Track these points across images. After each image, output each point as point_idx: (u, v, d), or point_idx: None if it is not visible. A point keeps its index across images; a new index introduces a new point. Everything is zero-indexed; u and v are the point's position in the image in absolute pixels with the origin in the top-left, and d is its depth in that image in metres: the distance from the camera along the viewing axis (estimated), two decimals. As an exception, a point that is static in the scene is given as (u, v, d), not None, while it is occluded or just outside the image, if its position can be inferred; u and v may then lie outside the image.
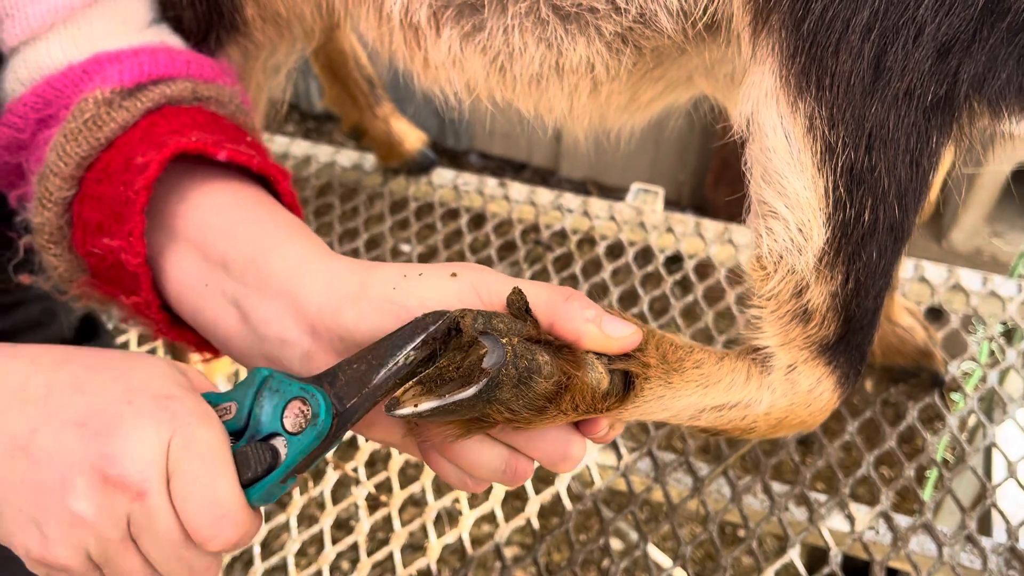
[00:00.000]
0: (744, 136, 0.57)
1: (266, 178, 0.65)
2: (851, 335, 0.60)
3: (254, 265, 0.59)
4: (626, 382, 0.56)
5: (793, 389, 0.61)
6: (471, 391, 0.50)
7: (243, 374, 1.11)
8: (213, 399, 0.53)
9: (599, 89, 0.69)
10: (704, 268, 1.19)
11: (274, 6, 0.74)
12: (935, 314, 1.13)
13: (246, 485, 0.51)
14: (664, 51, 0.66)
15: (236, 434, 0.52)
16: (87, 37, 0.67)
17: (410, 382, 0.52)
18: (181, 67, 0.68)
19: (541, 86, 0.68)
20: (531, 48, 0.65)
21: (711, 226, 1.24)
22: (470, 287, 0.54)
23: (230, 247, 0.60)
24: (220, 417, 0.52)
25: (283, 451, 0.51)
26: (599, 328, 0.53)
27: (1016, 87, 0.51)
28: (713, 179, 2.43)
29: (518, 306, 0.53)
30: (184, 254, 0.61)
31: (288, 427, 0.51)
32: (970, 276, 1.15)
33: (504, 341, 0.50)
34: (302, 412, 0.51)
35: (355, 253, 1.30)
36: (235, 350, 0.61)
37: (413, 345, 0.51)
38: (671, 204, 2.54)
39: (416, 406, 0.50)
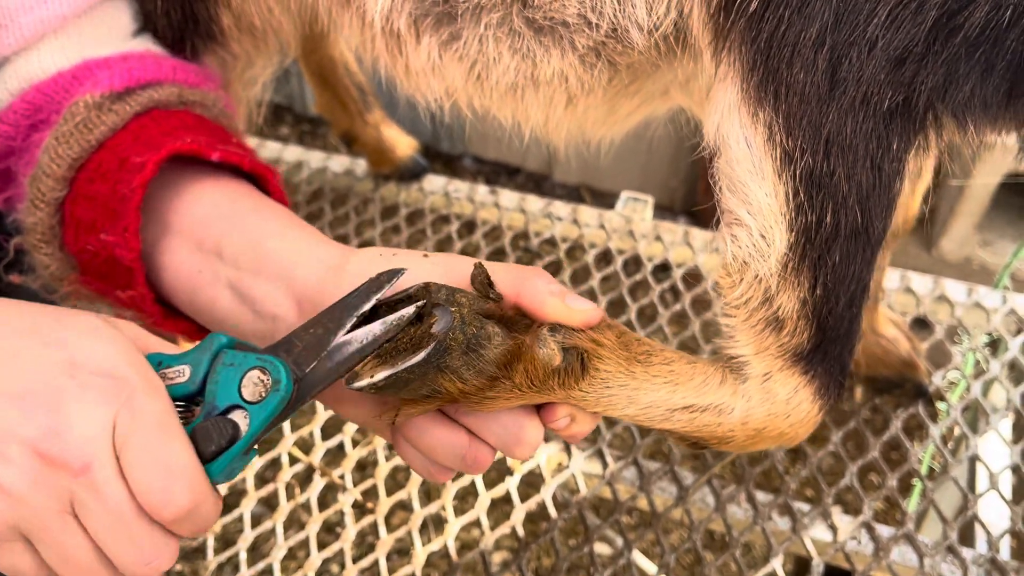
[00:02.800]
0: (713, 150, 0.59)
1: (256, 177, 0.68)
2: (827, 345, 0.61)
3: (251, 250, 0.61)
4: (583, 366, 0.57)
5: (769, 398, 0.61)
6: (420, 355, 0.52)
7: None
8: (165, 360, 0.53)
9: (575, 102, 0.70)
10: (692, 277, 1.20)
11: (249, 17, 0.75)
12: (921, 324, 1.14)
13: (209, 460, 0.50)
14: (638, 66, 0.67)
15: (188, 398, 0.52)
16: (75, 46, 0.68)
17: (369, 357, 0.53)
18: (168, 72, 0.70)
19: (518, 95, 0.70)
20: (506, 58, 0.66)
21: (699, 235, 1.25)
22: (442, 266, 0.58)
23: (225, 236, 0.62)
24: (172, 380, 0.52)
25: (243, 424, 0.51)
26: (562, 301, 0.56)
27: (980, 102, 0.52)
28: (705, 186, 2.44)
29: (481, 280, 0.56)
30: (179, 246, 0.64)
31: (248, 397, 0.51)
32: (955, 287, 1.15)
33: (453, 310, 0.53)
34: (261, 381, 0.51)
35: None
36: (231, 331, 0.62)
37: (368, 305, 0.53)
38: (663, 210, 2.55)
39: (372, 376, 0.53)
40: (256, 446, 0.52)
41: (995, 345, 1.12)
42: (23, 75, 0.67)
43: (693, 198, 2.59)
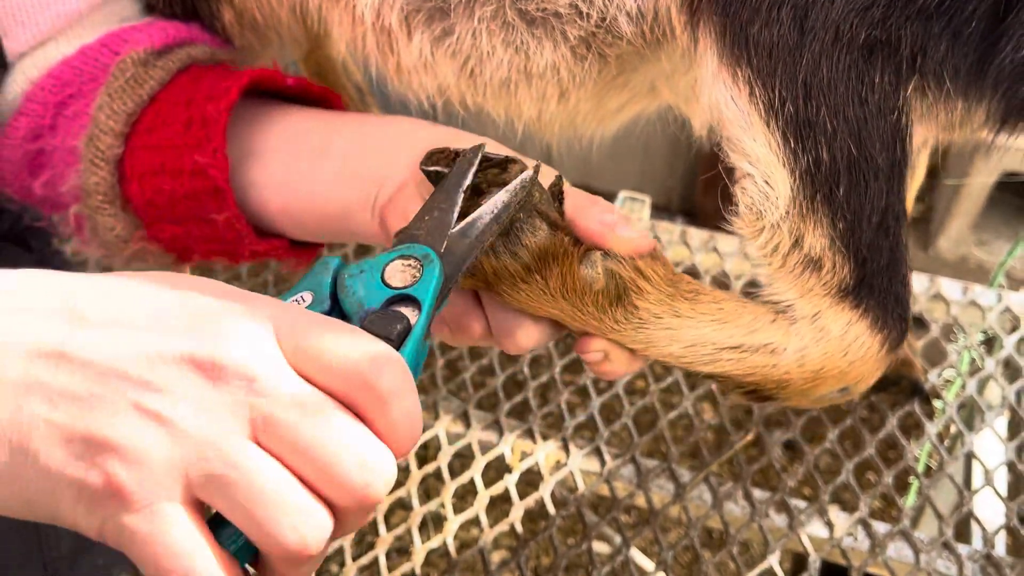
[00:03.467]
0: (713, 124, 0.61)
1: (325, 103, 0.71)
2: (872, 277, 0.60)
3: (361, 138, 0.63)
4: (625, 294, 0.58)
5: (823, 336, 0.60)
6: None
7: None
8: (281, 296, 0.47)
9: (567, 96, 0.71)
10: (689, 275, 1.20)
11: (251, 12, 0.75)
12: (917, 323, 1.14)
13: (397, 345, 0.43)
14: (626, 58, 0.68)
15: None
16: (91, 33, 0.70)
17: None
18: (197, 33, 0.73)
19: (510, 91, 0.71)
20: (499, 52, 0.67)
21: (696, 234, 1.25)
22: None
23: (327, 136, 0.64)
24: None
25: (407, 311, 0.44)
26: (613, 229, 0.57)
27: (952, 68, 0.54)
28: (703, 184, 2.45)
29: (555, 189, 0.58)
30: (268, 162, 0.66)
31: (399, 283, 0.45)
32: (950, 285, 1.16)
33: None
34: (407, 267, 0.46)
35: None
36: (334, 213, 0.63)
37: (468, 180, 0.54)
38: (661, 210, 2.55)
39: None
40: (430, 334, 0.47)
41: (990, 343, 1.12)
42: (42, 64, 0.68)
43: (691, 198, 2.60)
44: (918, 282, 1.17)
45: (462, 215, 0.52)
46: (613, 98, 0.74)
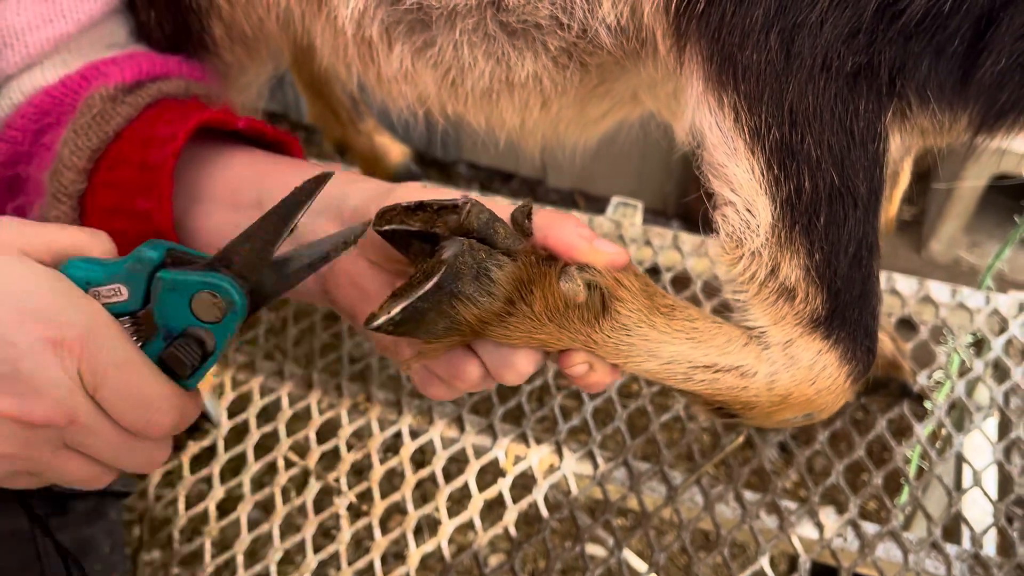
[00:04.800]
0: (694, 143, 0.61)
1: (279, 145, 0.70)
2: (844, 309, 0.61)
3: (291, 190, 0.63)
4: (605, 305, 0.58)
5: (793, 363, 0.62)
6: (432, 280, 0.52)
7: (228, 390, 1.12)
8: (92, 278, 0.53)
9: (549, 104, 0.72)
10: (682, 280, 1.22)
11: (241, 26, 0.77)
12: (906, 325, 1.16)
13: (187, 379, 0.54)
14: (607, 67, 0.69)
15: (132, 315, 0.53)
16: (78, 59, 0.70)
17: (387, 297, 0.54)
18: (174, 67, 0.73)
19: (492, 100, 0.71)
20: (481, 63, 0.68)
21: (688, 239, 1.26)
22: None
23: (264, 188, 0.64)
24: (108, 299, 0.52)
25: (208, 339, 0.53)
26: (589, 243, 0.57)
27: (936, 84, 0.55)
28: (698, 188, 2.46)
29: (523, 212, 0.57)
30: (214, 209, 0.66)
31: (204, 317, 0.52)
32: (939, 288, 1.17)
33: (461, 239, 0.54)
34: (214, 304, 0.52)
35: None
36: None
37: (301, 214, 0.53)
38: (657, 214, 2.56)
39: (389, 312, 0.53)
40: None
41: (979, 345, 1.13)
42: (27, 88, 0.68)
43: (686, 202, 2.61)
44: (907, 285, 1.18)
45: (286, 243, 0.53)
46: (595, 106, 0.75)
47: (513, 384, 0.60)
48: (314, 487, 1.01)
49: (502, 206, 0.58)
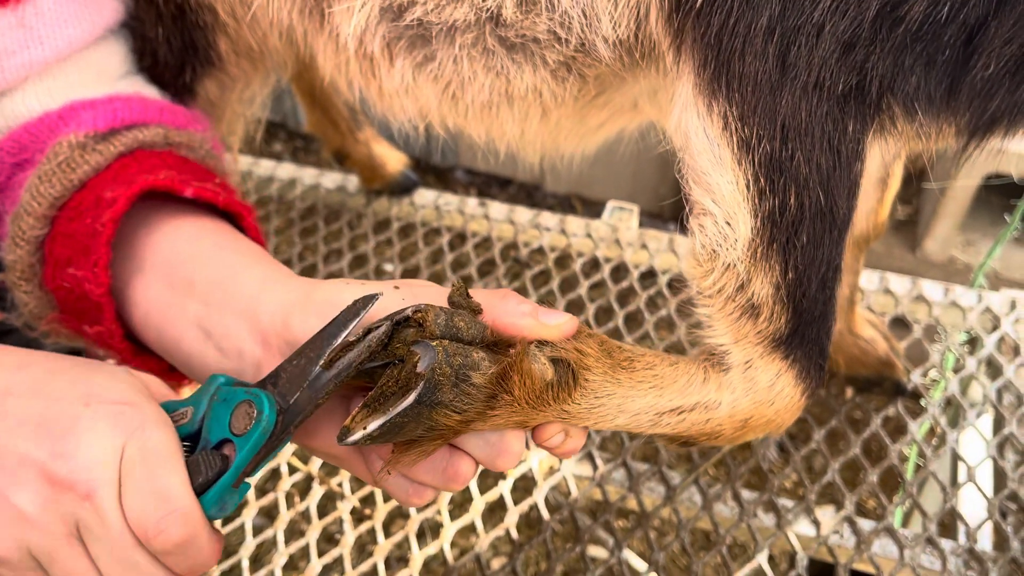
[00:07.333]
0: (676, 145, 0.61)
1: (232, 215, 0.68)
2: (805, 328, 0.62)
3: (220, 287, 0.61)
4: (575, 377, 0.58)
5: (753, 386, 0.62)
6: (411, 397, 0.50)
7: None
8: (170, 406, 0.55)
9: (548, 115, 0.72)
10: (677, 283, 1.23)
11: (246, 41, 0.78)
12: (900, 324, 1.17)
13: (200, 492, 0.51)
14: (605, 78, 0.70)
15: (190, 438, 0.54)
16: (62, 88, 0.69)
17: (356, 408, 0.53)
18: (154, 114, 0.70)
19: (492, 112, 0.72)
20: (480, 76, 0.69)
21: (684, 242, 1.28)
22: (411, 296, 0.57)
23: (196, 271, 0.62)
24: (176, 422, 0.53)
25: (232, 456, 0.52)
26: (535, 319, 0.56)
27: (926, 95, 0.54)
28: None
29: (460, 293, 0.56)
30: (151, 281, 0.64)
31: (235, 430, 0.52)
32: (932, 287, 1.19)
33: (435, 344, 0.51)
34: (248, 414, 0.52)
35: (340, 273, 1.33)
36: (197, 368, 0.62)
37: (347, 331, 0.53)
38: (653, 218, 2.58)
39: (365, 428, 0.51)
40: (248, 479, 0.53)
41: (972, 343, 1.15)
42: (8, 114, 0.68)
43: (682, 206, 2.62)
44: (900, 284, 1.20)
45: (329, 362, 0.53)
46: (594, 116, 0.76)
47: (507, 469, 0.58)
48: (317, 492, 1.02)
49: (433, 292, 0.57)
